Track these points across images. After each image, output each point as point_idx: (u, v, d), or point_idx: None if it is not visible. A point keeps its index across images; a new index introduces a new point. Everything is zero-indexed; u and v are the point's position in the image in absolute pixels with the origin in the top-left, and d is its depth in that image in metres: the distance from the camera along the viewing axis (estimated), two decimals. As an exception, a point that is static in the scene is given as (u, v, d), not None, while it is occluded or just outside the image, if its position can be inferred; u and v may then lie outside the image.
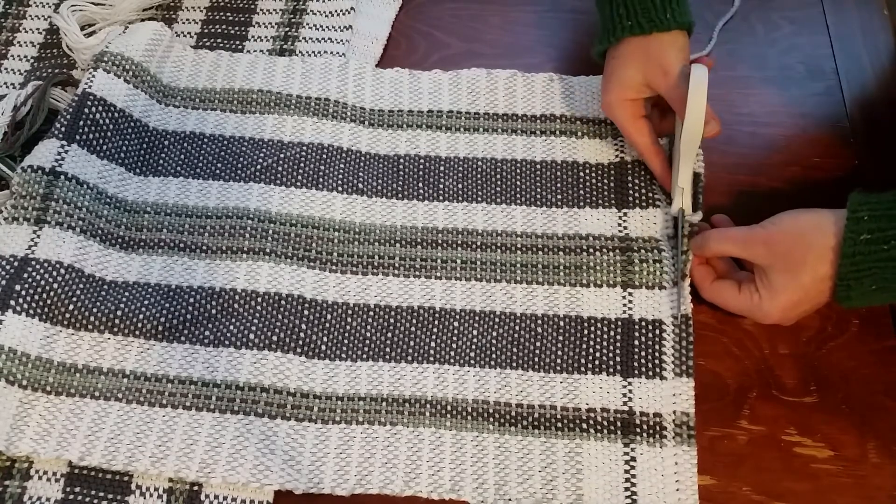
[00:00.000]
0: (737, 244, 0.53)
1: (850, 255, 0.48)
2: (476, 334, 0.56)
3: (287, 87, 0.66)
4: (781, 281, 0.51)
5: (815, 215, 0.51)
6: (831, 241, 0.49)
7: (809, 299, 0.51)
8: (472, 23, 0.72)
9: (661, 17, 0.55)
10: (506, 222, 0.60)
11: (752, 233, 0.53)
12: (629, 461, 0.51)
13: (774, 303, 0.51)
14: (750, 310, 0.53)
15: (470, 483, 0.51)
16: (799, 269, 0.50)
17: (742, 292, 0.53)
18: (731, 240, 0.54)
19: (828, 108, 0.66)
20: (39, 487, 0.52)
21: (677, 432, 0.52)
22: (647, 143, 0.58)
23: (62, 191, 0.57)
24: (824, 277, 0.49)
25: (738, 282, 0.54)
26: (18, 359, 0.52)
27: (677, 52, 0.56)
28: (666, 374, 0.54)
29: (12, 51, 0.72)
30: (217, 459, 0.51)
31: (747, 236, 0.53)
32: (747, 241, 0.53)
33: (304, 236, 0.60)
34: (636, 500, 0.50)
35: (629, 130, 0.59)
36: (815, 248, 0.49)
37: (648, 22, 0.55)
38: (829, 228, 0.49)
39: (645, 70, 0.56)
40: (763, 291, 0.52)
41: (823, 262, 0.49)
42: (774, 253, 0.51)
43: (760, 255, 0.52)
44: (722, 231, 0.55)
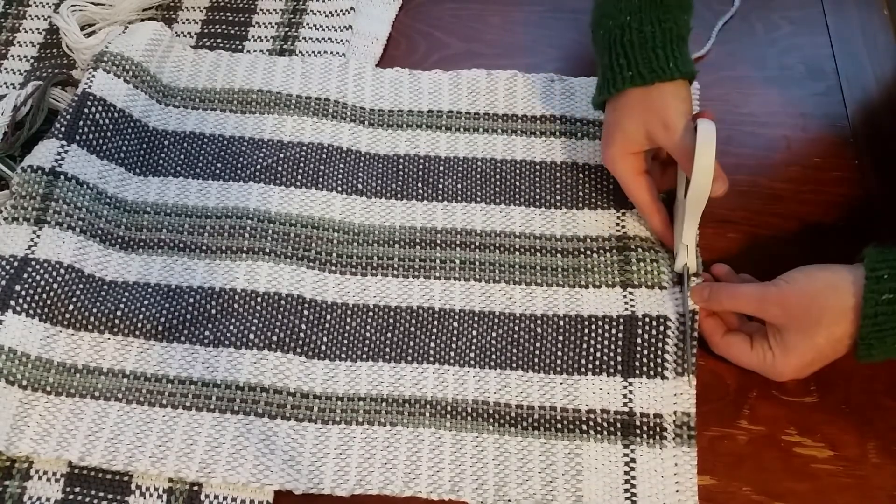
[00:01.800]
0: (749, 303, 0.52)
1: (872, 316, 0.46)
2: (475, 335, 0.56)
3: (287, 87, 0.66)
4: (796, 341, 0.49)
5: (830, 274, 0.49)
6: (849, 301, 0.47)
7: (824, 358, 0.50)
8: (472, 23, 0.72)
9: (663, 67, 0.53)
10: (504, 223, 0.60)
11: (765, 291, 0.51)
12: (629, 462, 0.51)
13: (788, 362, 0.50)
14: (762, 367, 0.52)
15: (469, 484, 0.51)
16: (814, 329, 0.49)
17: (755, 349, 0.52)
18: (744, 298, 0.52)
19: (828, 108, 0.66)
20: (39, 487, 0.52)
21: (677, 433, 0.52)
22: (647, 201, 0.57)
23: (62, 191, 0.57)
24: (841, 337, 0.48)
25: (749, 335, 0.53)
26: (18, 359, 0.52)
27: (680, 102, 0.54)
28: (667, 373, 0.53)
29: (12, 51, 0.72)
30: (217, 459, 0.51)
31: (761, 295, 0.51)
32: (761, 301, 0.51)
33: (303, 236, 0.60)
34: (636, 501, 0.50)
35: (630, 187, 0.57)
36: (831, 309, 0.48)
37: (650, 72, 0.53)
38: (846, 288, 0.48)
39: (646, 123, 0.54)
40: (776, 350, 0.50)
41: (840, 322, 0.48)
42: (789, 313, 0.49)
43: (774, 314, 0.50)
44: (733, 288, 0.53)
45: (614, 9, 0.56)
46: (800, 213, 0.61)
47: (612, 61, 0.55)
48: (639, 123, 0.54)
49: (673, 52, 0.54)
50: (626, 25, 0.55)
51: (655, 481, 0.51)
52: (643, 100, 0.54)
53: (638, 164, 0.56)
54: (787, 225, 0.60)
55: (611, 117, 0.57)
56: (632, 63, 0.54)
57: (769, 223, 0.61)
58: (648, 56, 0.54)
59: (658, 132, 0.54)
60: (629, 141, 0.55)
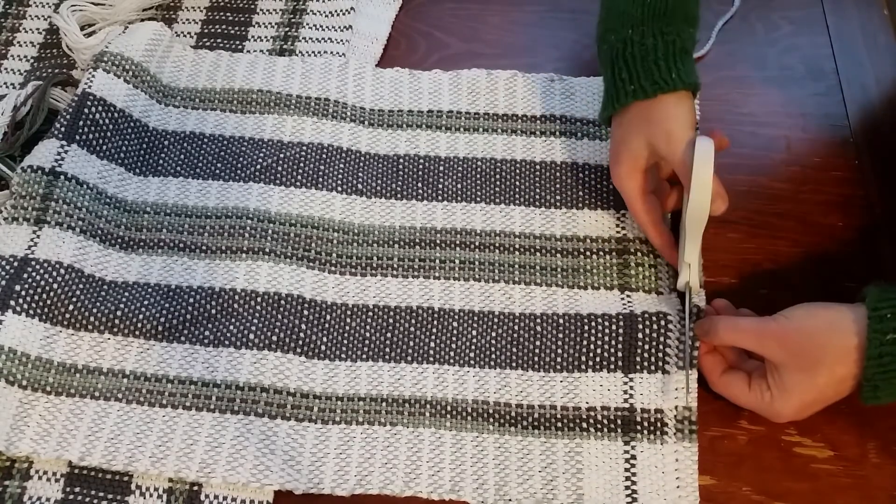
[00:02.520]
0: (749, 337, 0.50)
1: (877, 357, 0.45)
2: (475, 334, 0.56)
3: (287, 87, 0.66)
4: (795, 380, 0.48)
5: (832, 312, 0.48)
6: (852, 340, 0.46)
7: (825, 399, 0.49)
8: (472, 23, 0.72)
9: (665, 79, 0.52)
10: (504, 223, 0.60)
11: (765, 327, 0.49)
12: (629, 459, 0.51)
13: (787, 403, 0.49)
14: (760, 408, 0.50)
15: (470, 483, 0.51)
16: (815, 369, 0.47)
17: (752, 389, 0.50)
18: (743, 332, 0.50)
19: (828, 108, 0.66)
20: (39, 487, 0.52)
21: (678, 428, 0.52)
22: (652, 222, 0.56)
23: (62, 191, 0.57)
24: (843, 378, 0.47)
25: (748, 374, 0.51)
26: (18, 359, 0.52)
27: (683, 113, 0.53)
28: (669, 367, 0.53)
29: (12, 51, 0.72)
30: (217, 459, 0.51)
31: (760, 330, 0.50)
32: (760, 336, 0.49)
33: (303, 236, 0.60)
34: (636, 498, 0.50)
35: (636, 206, 0.56)
36: (832, 349, 0.47)
37: (652, 85, 0.53)
38: (848, 327, 0.46)
39: (649, 135, 0.53)
40: (775, 391, 0.49)
41: (843, 362, 0.46)
42: (788, 351, 0.48)
43: (773, 351, 0.49)
44: (733, 321, 0.51)
45: (617, 23, 0.55)
46: (800, 213, 0.61)
47: (615, 76, 0.54)
48: (642, 137, 0.54)
49: (675, 64, 0.53)
50: (629, 39, 0.54)
51: (656, 477, 0.51)
52: (646, 112, 0.53)
53: (644, 183, 0.55)
54: (787, 225, 0.61)
55: (616, 134, 0.56)
56: (634, 77, 0.53)
57: (769, 223, 0.61)
58: (650, 68, 0.53)
59: (661, 144, 0.53)
60: (635, 156, 0.54)
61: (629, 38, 0.54)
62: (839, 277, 0.58)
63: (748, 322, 0.51)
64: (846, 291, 0.57)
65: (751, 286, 0.58)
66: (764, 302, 0.57)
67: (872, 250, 0.59)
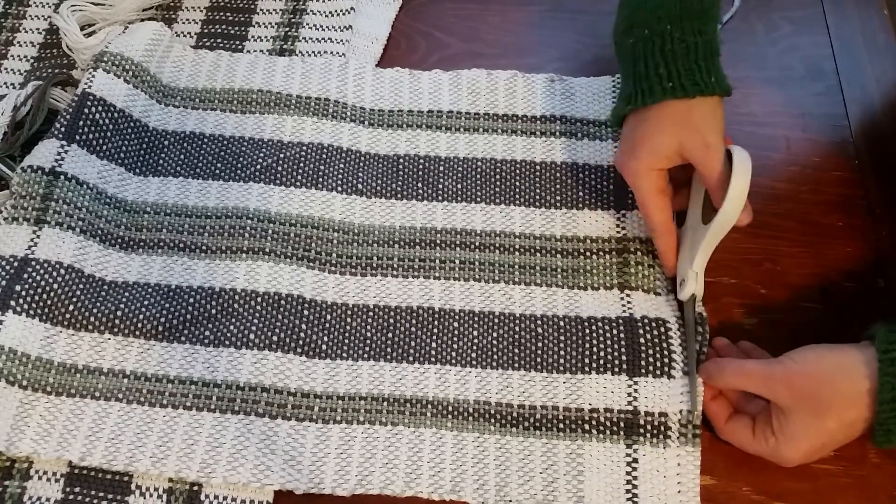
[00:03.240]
0: (755, 381, 0.49)
1: (890, 401, 0.44)
2: (476, 335, 0.56)
3: (287, 87, 0.66)
4: (803, 424, 0.47)
5: (840, 355, 0.47)
6: (863, 384, 0.45)
7: (835, 443, 0.48)
8: (472, 23, 0.72)
9: (705, 81, 0.51)
10: (504, 223, 0.60)
11: (772, 370, 0.48)
12: (631, 462, 0.51)
13: (794, 448, 0.47)
14: (766, 454, 0.49)
15: (471, 484, 0.51)
16: (824, 414, 0.46)
17: (756, 435, 0.49)
18: (750, 376, 0.49)
19: (828, 108, 0.66)
20: (39, 487, 0.52)
21: (682, 432, 0.52)
22: (664, 222, 0.54)
23: (62, 191, 0.57)
24: (854, 422, 0.46)
25: (752, 417, 0.50)
26: (19, 359, 0.52)
27: (717, 121, 0.51)
28: (675, 372, 0.53)
29: (12, 51, 0.72)
30: (218, 459, 0.51)
31: (768, 374, 0.48)
32: (767, 380, 0.48)
33: (303, 236, 0.60)
34: (637, 501, 0.50)
35: (650, 205, 0.54)
36: (843, 394, 0.46)
37: (693, 85, 0.51)
38: (858, 371, 0.45)
39: (683, 138, 0.51)
40: (780, 436, 0.47)
41: (854, 407, 0.45)
42: (796, 395, 0.47)
43: (781, 395, 0.47)
44: (738, 365, 0.50)
45: (650, 16, 0.53)
46: (800, 213, 0.61)
47: (650, 71, 0.52)
48: (674, 138, 0.51)
49: (714, 66, 0.51)
50: (668, 35, 0.52)
51: (657, 482, 0.51)
52: (682, 114, 0.51)
53: (660, 182, 0.54)
54: (787, 225, 0.61)
55: (639, 129, 0.54)
56: (673, 74, 0.51)
57: (769, 223, 0.61)
58: (691, 68, 0.51)
59: (696, 150, 0.51)
60: (658, 155, 0.52)
61: (668, 34, 0.52)
62: (839, 277, 0.58)
63: (755, 365, 0.50)
64: (846, 291, 0.58)
65: (751, 286, 0.58)
66: (764, 302, 0.57)
67: (872, 250, 0.59)
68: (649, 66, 0.52)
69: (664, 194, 0.54)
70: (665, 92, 0.51)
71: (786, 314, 0.57)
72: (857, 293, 0.58)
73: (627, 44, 0.55)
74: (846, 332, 0.56)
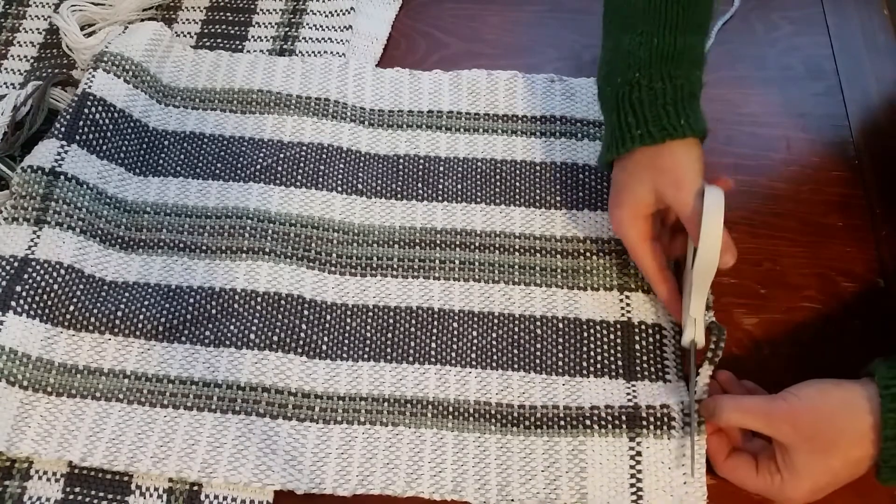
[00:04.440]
0: (757, 419, 0.47)
1: (893, 438, 0.43)
2: (476, 335, 0.56)
3: (287, 87, 0.66)
4: (807, 463, 0.45)
5: (843, 392, 0.46)
6: (867, 421, 0.44)
7: (839, 481, 0.47)
8: (472, 23, 0.72)
9: (673, 125, 0.50)
10: (504, 223, 0.60)
11: (774, 407, 0.47)
12: (634, 456, 0.51)
13: (799, 486, 0.46)
14: (769, 492, 0.48)
15: (472, 484, 0.51)
16: (829, 451, 0.45)
17: (760, 472, 0.48)
18: (751, 414, 0.48)
19: (828, 108, 0.66)
20: (39, 487, 0.52)
21: (686, 422, 0.51)
22: (655, 269, 0.53)
23: (62, 191, 0.57)
24: (859, 460, 0.45)
25: (754, 455, 0.49)
26: (19, 359, 0.52)
27: (692, 162, 0.51)
28: (669, 377, 0.54)
29: (12, 51, 0.72)
30: (219, 460, 0.51)
31: (769, 411, 0.47)
32: (769, 418, 0.47)
33: (303, 236, 0.60)
34: (642, 495, 0.50)
35: (638, 253, 0.54)
36: (848, 431, 0.45)
37: (660, 131, 0.50)
38: (861, 407, 0.45)
39: (656, 182, 0.51)
40: (785, 474, 0.46)
41: (859, 444, 0.45)
42: (801, 433, 0.45)
43: (784, 433, 0.46)
44: (738, 402, 0.49)
45: (623, 64, 0.53)
46: (800, 213, 0.61)
47: (621, 120, 0.52)
48: (648, 183, 0.52)
49: (684, 109, 0.51)
50: (636, 82, 0.52)
51: (662, 474, 0.50)
52: (653, 159, 0.51)
53: (647, 229, 0.53)
54: (786, 225, 0.61)
55: (619, 178, 0.54)
56: (640, 121, 0.51)
57: (769, 223, 0.61)
58: (658, 113, 0.51)
59: (668, 192, 0.51)
60: (638, 202, 0.52)
61: (636, 82, 0.52)
62: (839, 277, 0.58)
63: (756, 402, 0.48)
64: (846, 291, 0.58)
65: (751, 286, 0.58)
66: (764, 302, 0.57)
67: (872, 250, 0.59)
68: (621, 116, 0.52)
69: (652, 241, 0.54)
70: (634, 140, 0.51)
71: (786, 314, 0.57)
72: (857, 293, 0.58)
73: (606, 92, 0.55)
74: (846, 332, 0.56)
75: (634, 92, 0.52)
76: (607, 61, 0.55)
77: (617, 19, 0.55)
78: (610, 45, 0.55)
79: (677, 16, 0.52)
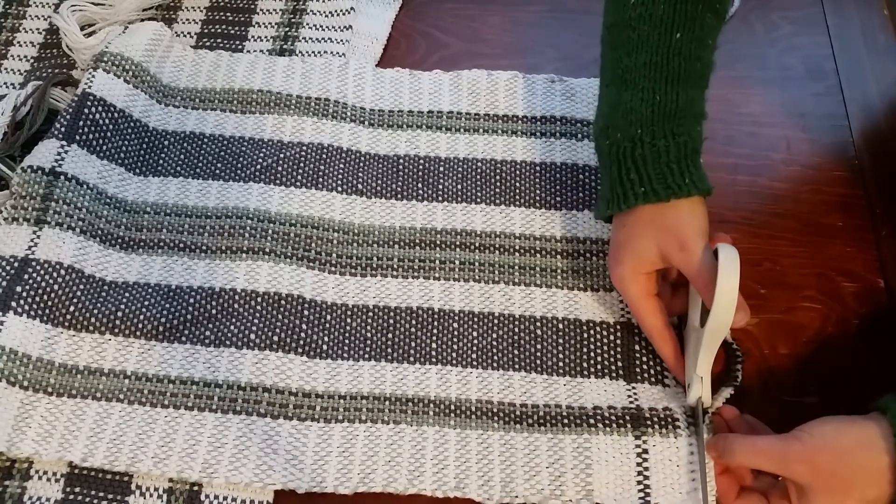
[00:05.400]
0: (771, 460, 0.46)
1: None
2: (476, 335, 0.56)
3: (287, 88, 0.66)
4: (823, 502, 0.45)
5: (859, 430, 0.45)
6: (883, 460, 0.43)
7: None
8: (472, 23, 0.72)
9: (678, 183, 0.49)
10: (504, 224, 0.60)
11: (788, 447, 0.46)
12: (641, 453, 0.51)
13: None
14: None
15: (475, 480, 0.50)
16: (846, 491, 0.44)
17: None
18: (764, 454, 0.47)
19: (828, 108, 0.66)
20: (39, 487, 0.51)
21: (690, 422, 0.51)
22: (658, 327, 0.52)
23: (62, 191, 0.57)
24: (875, 499, 0.44)
25: (764, 493, 0.48)
26: (20, 360, 0.52)
27: (697, 220, 0.50)
28: (668, 381, 0.54)
29: (12, 51, 0.72)
30: (220, 459, 0.51)
31: (784, 452, 0.46)
32: (783, 458, 0.46)
33: (303, 236, 0.60)
34: (649, 492, 0.50)
35: (641, 310, 0.52)
36: (864, 471, 0.44)
37: (665, 189, 0.49)
38: (878, 445, 0.44)
39: (660, 242, 0.50)
40: None
41: (876, 484, 0.44)
42: (817, 473, 0.44)
43: (800, 473, 0.45)
44: (751, 442, 0.48)
45: (623, 120, 0.52)
46: (799, 213, 0.61)
47: (623, 176, 0.51)
48: (651, 242, 0.50)
49: (688, 167, 0.50)
50: (638, 139, 0.51)
51: (670, 471, 0.50)
52: (656, 217, 0.50)
53: (649, 286, 0.52)
54: (786, 225, 0.61)
55: (620, 235, 0.53)
56: (644, 179, 0.50)
57: (769, 223, 0.61)
58: (662, 171, 0.50)
59: (673, 253, 0.49)
60: (640, 260, 0.51)
61: (638, 139, 0.51)
62: (839, 277, 0.58)
63: (770, 443, 0.47)
64: (846, 291, 0.58)
65: (751, 286, 0.58)
66: (764, 302, 0.57)
67: (872, 250, 0.59)
68: (622, 171, 0.51)
69: (654, 298, 0.52)
70: (637, 197, 0.50)
71: (786, 314, 0.57)
72: (857, 293, 0.58)
73: (604, 145, 0.54)
74: (846, 332, 0.56)
75: (637, 149, 0.51)
76: (605, 115, 0.54)
77: (617, 73, 0.53)
78: (609, 99, 0.54)
79: (679, 69, 0.51)
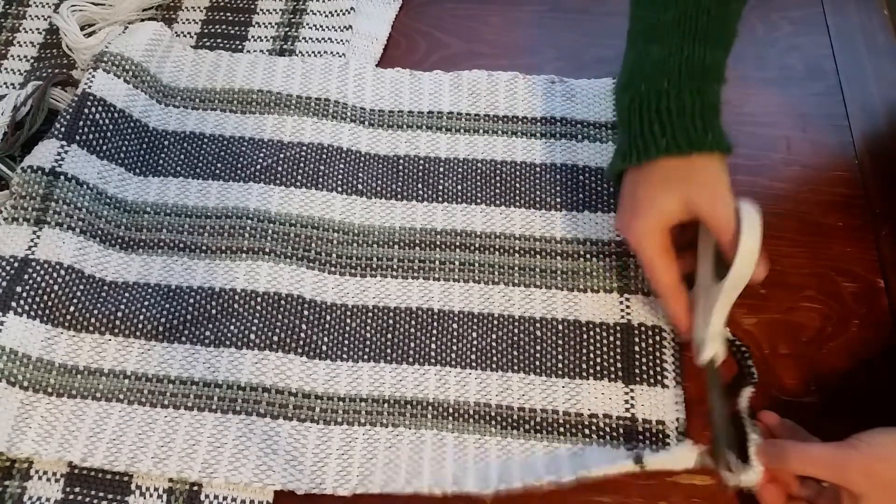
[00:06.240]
0: (826, 469, 0.45)
1: None
2: (475, 336, 0.56)
3: (287, 88, 0.66)
4: None
5: None
6: None
7: None
8: (472, 23, 0.72)
9: (701, 139, 0.49)
10: (504, 224, 0.60)
11: (845, 456, 0.45)
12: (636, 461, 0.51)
13: None
14: None
15: (472, 479, 0.50)
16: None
17: None
18: (820, 463, 0.45)
19: (828, 108, 0.66)
20: (39, 487, 0.52)
21: (679, 439, 0.52)
22: (674, 283, 0.51)
23: (62, 191, 0.57)
24: None
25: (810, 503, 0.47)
26: (20, 360, 0.52)
27: (725, 175, 0.50)
28: (667, 381, 0.54)
29: (12, 51, 0.72)
30: (219, 460, 0.51)
31: (842, 462, 0.45)
32: (842, 468, 0.44)
33: (303, 236, 0.60)
34: None
35: (657, 266, 0.51)
36: None
37: (687, 141, 0.49)
38: None
39: (688, 194, 0.49)
40: None
41: None
42: (875, 484, 0.43)
43: (857, 482, 0.44)
44: (805, 449, 0.46)
45: (650, 72, 0.52)
46: (800, 213, 0.61)
47: (645, 128, 0.51)
48: (679, 194, 0.49)
49: (711, 124, 0.50)
50: (665, 91, 0.51)
51: None
52: (683, 170, 0.50)
53: (666, 242, 0.51)
54: (787, 225, 0.61)
55: (639, 189, 0.52)
56: (667, 130, 0.50)
57: (769, 223, 0.60)
58: (686, 126, 0.50)
59: (705, 205, 0.49)
60: (663, 213, 0.50)
61: (664, 91, 0.51)
62: (839, 277, 0.58)
63: (825, 451, 0.46)
64: (846, 291, 0.58)
65: (751, 286, 0.58)
66: (764, 301, 0.57)
67: (872, 250, 0.59)
68: (644, 124, 0.51)
69: (670, 254, 0.51)
70: (659, 149, 0.50)
71: (786, 314, 0.57)
72: (857, 293, 0.58)
73: (625, 99, 0.53)
74: (846, 332, 0.57)
75: (662, 101, 0.50)
76: (630, 70, 0.54)
77: (645, 30, 0.53)
78: (635, 54, 0.54)
79: (707, 29, 0.51)
